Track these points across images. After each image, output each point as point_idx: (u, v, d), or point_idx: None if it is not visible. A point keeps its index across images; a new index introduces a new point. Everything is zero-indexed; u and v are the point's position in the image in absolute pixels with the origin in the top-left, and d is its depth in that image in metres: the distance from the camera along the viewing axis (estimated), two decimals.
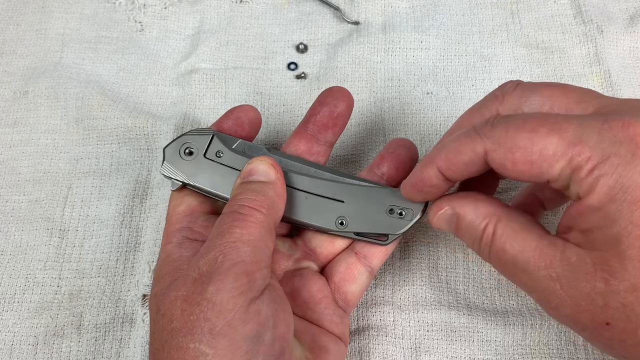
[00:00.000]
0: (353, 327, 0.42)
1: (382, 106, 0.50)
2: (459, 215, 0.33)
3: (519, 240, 0.30)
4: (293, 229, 0.42)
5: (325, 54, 0.53)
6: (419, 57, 0.52)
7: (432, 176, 0.33)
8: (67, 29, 0.54)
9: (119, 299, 0.43)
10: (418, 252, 0.44)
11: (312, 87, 0.51)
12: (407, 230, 0.38)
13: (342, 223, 0.38)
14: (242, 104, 0.50)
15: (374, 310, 0.43)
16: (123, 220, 0.46)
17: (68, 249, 0.45)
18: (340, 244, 0.40)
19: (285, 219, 0.37)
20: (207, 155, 0.39)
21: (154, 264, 0.43)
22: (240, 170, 0.37)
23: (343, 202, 0.38)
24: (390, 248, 0.40)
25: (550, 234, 0.29)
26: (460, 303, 0.43)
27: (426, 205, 0.38)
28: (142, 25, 0.54)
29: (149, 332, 0.41)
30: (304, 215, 0.38)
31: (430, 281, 0.43)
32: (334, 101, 0.41)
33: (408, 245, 0.45)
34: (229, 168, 0.39)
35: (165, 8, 0.55)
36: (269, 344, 0.31)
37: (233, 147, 0.39)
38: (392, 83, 0.51)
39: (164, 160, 0.39)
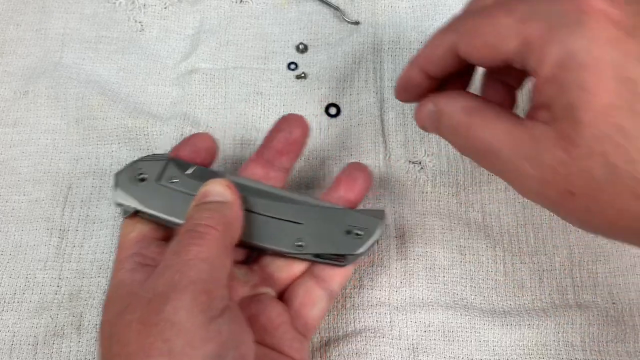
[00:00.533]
0: (350, 329, 0.42)
1: (382, 106, 0.50)
2: (439, 110, 0.34)
3: (493, 127, 0.31)
4: (250, 256, 0.41)
5: (326, 54, 0.53)
6: None
7: (415, 74, 0.34)
8: (67, 29, 0.54)
9: None
10: (415, 253, 0.44)
11: (313, 87, 0.51)
12: (365, 251, 0.38)
13: (300, 245, 0.38)
14: (241, 103, 0.50)
15: (370, 312, 0.43)
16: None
17: (68, 249, 0.45)
18: (298, 268, 0.40)
19: (242, 243, 0.37)
20: (160, 181, 0.38)
21: None
22: (194, 195, 0.36)
23: (301, 224, 0.38)
24: (349, 270, 0.40)
25: (520, 118, 0.30)
26: (457, 304, 0.43)
27: (383, 225, 0.39)
28: (142, 25, 0.54)
29: None
30: (261, 238, 0.38)
31: (428, 282, 0.43)
32: (289, 127, 0.41)
33: (405, 246, 0.45)
34: (184, 194, 0.38)
35: (165, 8, 0.55)
36: None
37: (188, 172, 0.39)
38: (392, 83, 0.51)
39: (115, 186, 0.38)
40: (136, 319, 0.30)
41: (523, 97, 0.43)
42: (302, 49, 0.53)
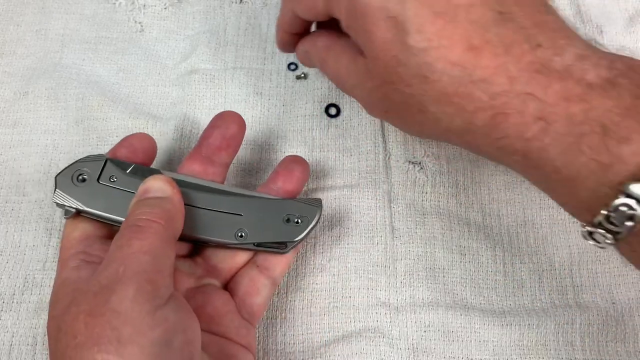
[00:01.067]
0: (350, 329, 0.42)
1: None
2: (307, 50, 0.41)
3: (338, 63, 0.37)
4: (193, 250, 0.42)
5: None
6: None
7: (283, 35, 0.42)
8: (67, 29, 0.54)
9: None
10: (415, 253, 0.44)
11: (313, 87, 0.51)
12: (304, 237, 0.39)
13: (241, 235, 0.39)
14: (241, 103, 0.50)
15: (370, 312, 0.43)
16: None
17: None
18: (241, 258, 0.41)
19: (184, 237, 0.38)
20: (100, 181, 0.39)
21: None
22: (135, 193, 0.37)
23: (241, 215, 0.39)
24: (290, 257, 0.41)
25: (357, 53, 0.35)
26: (457, 304, 0.43)
27: (320, 212, 0.40)
28: (142, 26, 0.54)
29: None
30: (203, 231, 0.39)
31: (427, 282, 0.43)
32: (225, 124, 0.42)
33: (405, 246, 0.45)
34: (124, 191, 0.39)
35: (165, 8, 0.55)
36: (178, 349, 0.31)
37: (127, 171, 0.39)
38: None
39: (55, 188, 0.39)
40: (83, 311, 0.30)
41: None
42: None
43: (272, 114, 0.50)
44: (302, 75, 0.52)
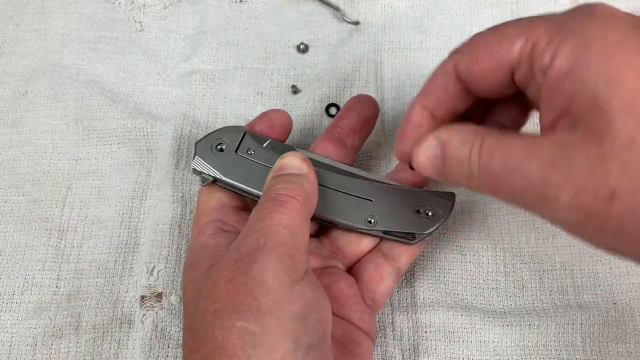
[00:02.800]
0: None
1: (382, 106, 0.49)
2: (445, 141, 0.31)
3: (507, 144, 0.28)
4: (319, 230, 0.42)
5: (326, 54, 0.53)
6: (419, 57, 0.52)
7: (417, 115, 0.33)
8: (67, 29, 0.54)
9: (117, 300, 0.43)
10: None
11: (313, 87, 0.51)
12: (434, 230, 0.39)
13: (370, 221, 0.39)
14: (242, 103, 0.50)
15: None
16: (122, 221, 0.46)
17: (67, 249, 0.45)
18: (366, 243, 0.41)
19: (315, 217, 0.38)
20: (238, 152, 0.39)
21: (152, 265, 0.43)
22: (271, 167, 0.37)
23: (372, 201, 0.39)
24: (416, 248, 0.40)
25: (539, 136, 0.28)
26: (458, 304, 0.42)
27: (452, 207, 0.39)
28: (142, 25, 0.54)
29: (143, 336, 0.41)
30: (334, 212, 0.39)
31: (428, 282, 0.43)
32: (362, 107, 0.42)
33: None
34: (260, 165, 0.39)
35: (165, 8, 0.55)
36: (313, 326, 0.31)
37: (263, 145, 0.40)
38: (392, 83, 0.51)
39: (195, 154, 0.39)
40: (224, 277, 0.31)
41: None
42: (303, 49, 0.53)
43: None
44: (295, 89, 0.51)
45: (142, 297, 0.43)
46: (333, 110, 0.50)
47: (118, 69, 0.52)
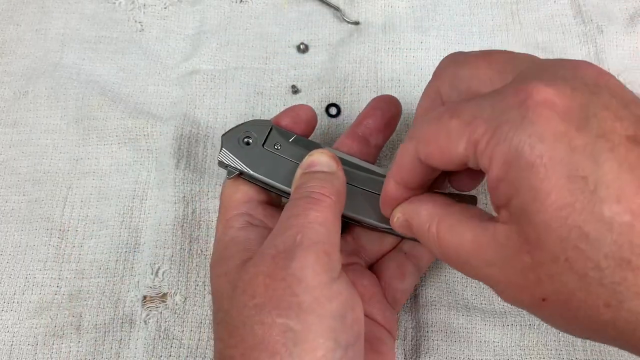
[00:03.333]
0: None
1: None
2: (407, 221, 0.34)
3: (457, 235, 0.30)
4: (342, 227, 0.42)
5: (327, 54, 0.53)
6: (419, 58, 0.52)
7: (392, 189, 0.34)
8: (67, 29, 0.54)
9: (119, 299, 0.43)
10: None
11: (313, 87, 0.51)
12: None
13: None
14: (242, 103, 0.50)
15: None
16: (123, 220, 0.46)
17: (68, 249, 0.45)
18: (388, 242, 0.41)
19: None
20: (265, 146, 0.39)
21: (157, 266, 0.44)
22: (298, 163, 0.37)
23: None
24: None
25: (485, 220, 0.29)
26: (459, 303, 0.43)
27: (475, 203, 0.39)
28: (142, 25, 0.54)
29: (146, 336, 0.41)
30: (358, 210, 0.39)
31: (430, 281, 0.43)
32: (386, 106, 0.42)
33: None
34: (287, 160, 0.39)
35: (165, 8, 0.55)
36: (349, 325, 0.31)
37: (289, 140, 0.40)
38: (392, 83, 0.51)
39: (222, 147, 0.39)
40: (262, 272, 0.31)
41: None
42: (304, 49, 0.53)
43: (272, 114, 0.50)
44: (295, 89, 0.51)
45: (144, 297, 0.43)
46: (333, 110, 0.50)
47: (118, 69, 0.52)
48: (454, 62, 0.33)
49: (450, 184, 0.37)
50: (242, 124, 0.40)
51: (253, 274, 0.31)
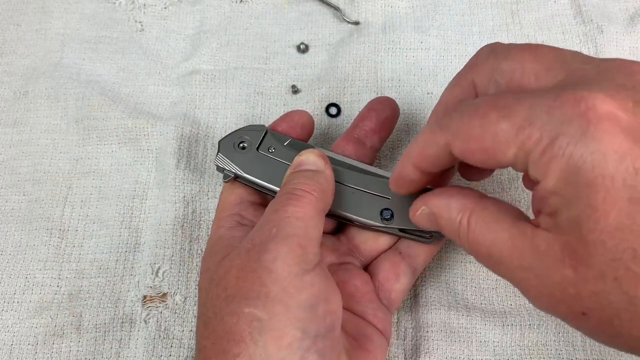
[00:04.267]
0: None
1: None
2: (435, 213, 0.33)
3: (492, 232, 0.29)
4: (337, 228, 0.42)
5: (327, 54, 0.53)
6: (419, 58, 0.52)
7: (409, 171, 0.33)
8: (67, 29, 0.54)
9: (119, 299, 0.43)
10: None
11: (313, 87, 0.51)
12: None
13: (387, 219, 0.39)
14: (242, 103, 0.50)
15: None
16: (123, 220, 0.46)
17: (68, 249, 0.45)
18: (383, 242, 0.41)
19: (332, 213, 0.38)
20: (260, 150, 0.41)
21: (157, 266, 0.44)
22: (290, 165, 0.38)
23: (389, 198, 0.39)
24: (434, 248, 0.41)
25: (522, 220, 0.28)
26: (459, 303, 0.43)
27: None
28: (142, 25, 0.54)
29: (147, 336, 0.41)
30: (350, 209, 0.39)
31: (430, 281, 0.43)
32: (382, 107, 0.43)
33: None
34: (281, 162, 0.40)
35: (165, 8, 0.55)
36: (321, 316, 0.32)
37: (284, 144, 0.41)
38: (392, 83, 0.51)
39: (218, 151, 0.40)
40: (236, 265, 0.32)
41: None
42: (304, 49, 0.53)
43: (273, 114, 0.50)
44: (295, 89, 0.51)
45: (144, 297, 0.43)
46: (333, 110, 0.50)
47: (118, 69, 0.52)
48: (494, 53, 0.32)
49: (458, 171, 0.38)
50: (237, 130, 0.41)
51: (228, 267, 0.32)
